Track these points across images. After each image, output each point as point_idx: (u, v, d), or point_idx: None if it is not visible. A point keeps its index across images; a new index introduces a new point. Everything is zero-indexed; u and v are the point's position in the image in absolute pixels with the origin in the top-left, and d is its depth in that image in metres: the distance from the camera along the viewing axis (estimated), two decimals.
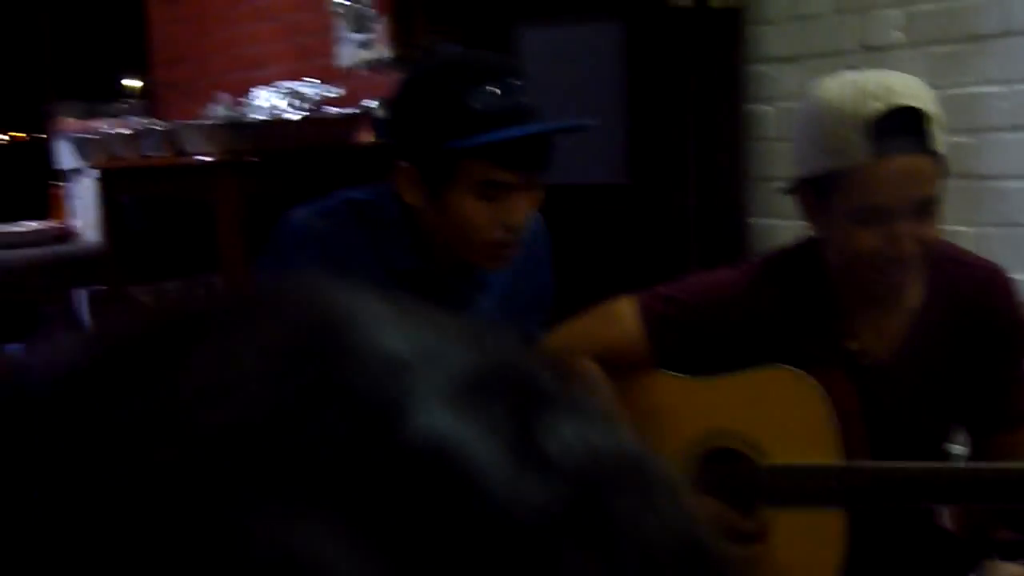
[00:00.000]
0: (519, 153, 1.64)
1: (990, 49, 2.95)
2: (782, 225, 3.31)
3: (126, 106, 6.47)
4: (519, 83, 1.66)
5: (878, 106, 1.54)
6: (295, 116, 4.19)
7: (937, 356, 1.70)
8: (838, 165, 1.57)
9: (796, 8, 3.38)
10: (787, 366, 1.67)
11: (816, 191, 1.63)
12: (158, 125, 4.40)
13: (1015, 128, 2.93)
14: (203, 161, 4.00)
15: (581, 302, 2.04)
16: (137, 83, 6.77)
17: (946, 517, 1.86)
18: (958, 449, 1.82)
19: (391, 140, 1.74)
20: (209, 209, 4.11)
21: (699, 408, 1.74)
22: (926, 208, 1.57)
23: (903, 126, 1.55)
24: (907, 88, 1.57)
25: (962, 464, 1.63)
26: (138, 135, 4.43)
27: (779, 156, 3.45)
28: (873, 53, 3.20)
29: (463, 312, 1.84)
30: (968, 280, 1.69)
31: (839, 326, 1.70)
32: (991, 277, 1.72)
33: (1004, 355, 1.71)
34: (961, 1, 3.00)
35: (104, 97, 6.41)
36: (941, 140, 1.58)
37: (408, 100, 1.71)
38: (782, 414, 1.68)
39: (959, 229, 2.94)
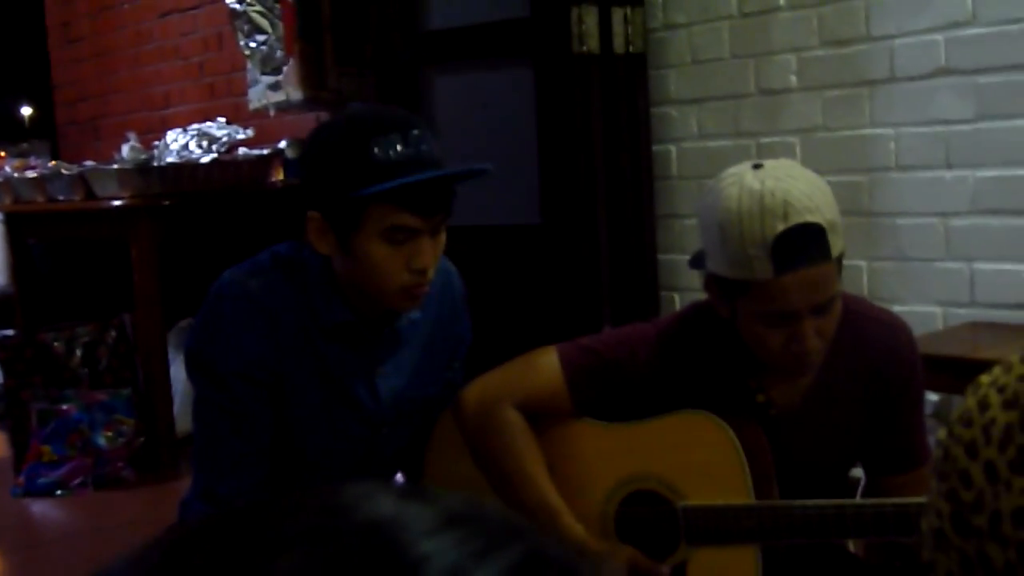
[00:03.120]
0: (422, 197, 1.72)
1: (878, 93, 3.12)
2: (687, 260, 3.43)
3: (27, 145, 6.38)
4: (420, 133, 1.74)
5: (779, 226, 1.55)
6: (206, 158, 4.20)
7: (842, 404, 1.79)
8: (742, 277, 1.61)
9: (696, 54, 3.53)
10: (701, 411, 1.75)
11: (722, 289, 1.68)
12: (67, 168, 4.36)
13: (902, 168, 3.09)
14: (116, 205, 3.99)
15: (498, 341, 2.10)
16: (29, 110, 6.68)
17: (851, 544, 1.97)
18: (858, 473, 1.92)
19: (302, 192, 1.81)
20: (120, 251, 4.10)
21: (618, 453, 1.82)
22: (827, 306, 1.64)
23: (803, 241, 1.56)
24: (805, 201, 1.57)
25: (864, 501, 1.71)
26: (45, 178, 4.39)
27: (682, 194, 3.59)
28: (769, 96, 3.36)
29: (387, 361, 1.91)
30: (873, 334, 1.78)
31: (749, 381, 1.78)
32: (894, 331, 1.81)
33: (904, 404, 1.81)
34: (851, 48, 3.16)
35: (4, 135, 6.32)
36: (839, 243, 1.61)
37: (315, 153, 1.79)
38: (697, 457, 1.76)
39: (854, 263, 3.10)
